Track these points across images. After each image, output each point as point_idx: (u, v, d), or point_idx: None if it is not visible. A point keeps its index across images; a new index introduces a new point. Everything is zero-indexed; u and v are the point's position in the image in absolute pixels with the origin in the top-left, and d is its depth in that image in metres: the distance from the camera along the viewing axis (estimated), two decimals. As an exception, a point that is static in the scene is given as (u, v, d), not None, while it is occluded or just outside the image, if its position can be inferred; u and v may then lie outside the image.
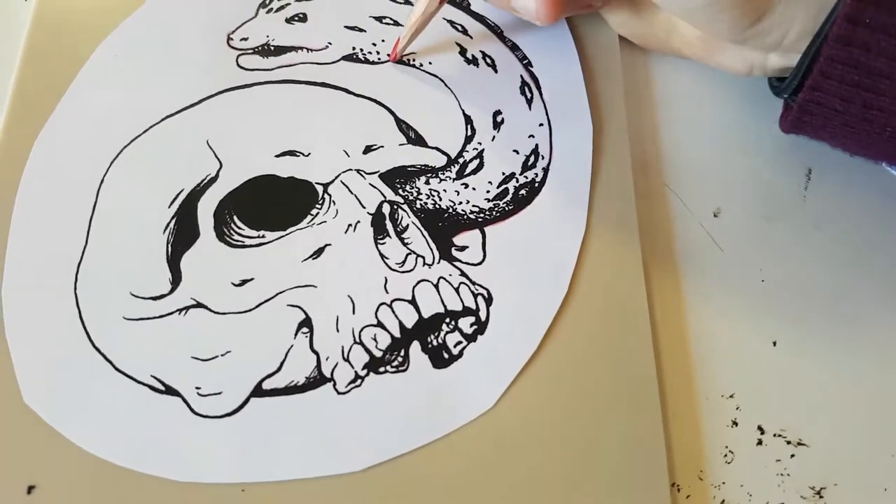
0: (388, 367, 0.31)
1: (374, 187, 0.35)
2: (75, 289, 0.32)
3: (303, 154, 0.35)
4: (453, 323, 0.32)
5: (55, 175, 0.34)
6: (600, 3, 0.36)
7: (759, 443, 0.31)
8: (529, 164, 0.36)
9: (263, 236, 0.33)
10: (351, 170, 0.35)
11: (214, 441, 0.30)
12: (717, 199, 0.36)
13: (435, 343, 0.32)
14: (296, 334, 0.32)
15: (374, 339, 0.32)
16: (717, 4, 0.29)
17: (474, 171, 0.36)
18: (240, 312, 0.32)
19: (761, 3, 0.30)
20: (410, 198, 0.35)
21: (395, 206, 0.34)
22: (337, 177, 0.35)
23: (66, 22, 0.38)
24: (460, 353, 0.32)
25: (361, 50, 0.38)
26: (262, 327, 0.32)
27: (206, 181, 0.34)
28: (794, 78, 0.32)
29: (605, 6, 0.36)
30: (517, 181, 0.35)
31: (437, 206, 0.35)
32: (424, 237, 0.34)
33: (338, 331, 0.32)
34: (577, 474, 0.30)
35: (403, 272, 0.33)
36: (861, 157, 0.34)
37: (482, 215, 0.35)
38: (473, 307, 0.33)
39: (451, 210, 0.35)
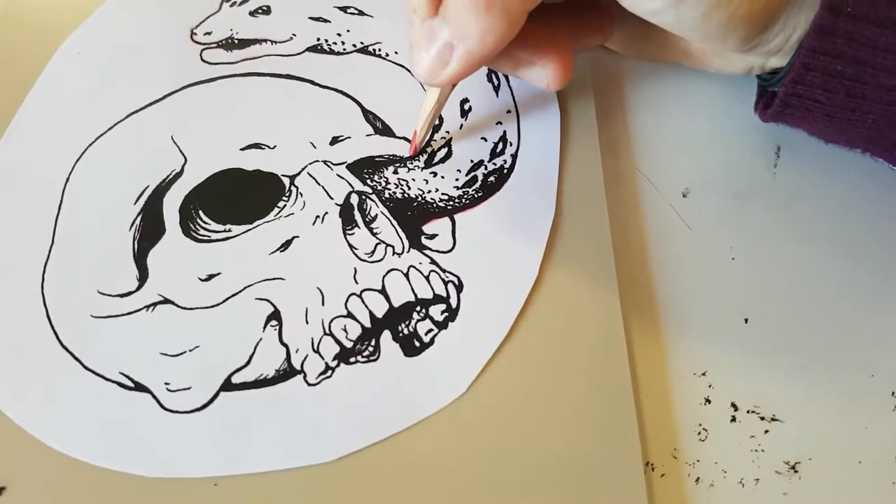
0: (359, 358, 0.31)
1: (342, 178, 0.35)
2: (42, 288, 0.32)
3: (268, 147, 0.35)
4: (424, 311, 0.32)
5: (20, 174, 0.34)
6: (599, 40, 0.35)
7: (733, 420, 0.31)
8: (498, 150, 0.36)
9: (230, 230, 0.33)
10: (318, 161, 0.35)
11: (185, 436, 0.30)
12: (686, 180, 0.36)
13: (406, 332, 0.32)
14: (265, 327, 0.32)
15: (345, 330, 0.32)
16: (731, 24, 0.29)
17: (443, 160, 0.35)
18: (207, 307, 0.32)
19: (768, 14, 0.29)
20: (379, 188, 0.35)
21: (364, 197, 0.34)
22: (303, 168, 0.35)
23: (30, 20, 0.38)
24: (431, 341, 0.32)
25: (326, 41, 0.38)
26: (230, 321, 0.32)
27: (171, 176, 0.34)
28: (786, 72, 0.31)
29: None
30: (486, 168, 0.35)
31: (405, 195, 0.34)
32: (393, 226, 0.34)
33: (307, 323, 0.32)
34: (551, 457, 0.30)
35: (373, 262, 0.33)
36: (837, 144, 0.34)
37: (451, 203, 0.34)
38: (444, 295, 0.33)
39: (419, 199, 0.34)
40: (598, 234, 0.34)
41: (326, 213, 0.34)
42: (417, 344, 0.32)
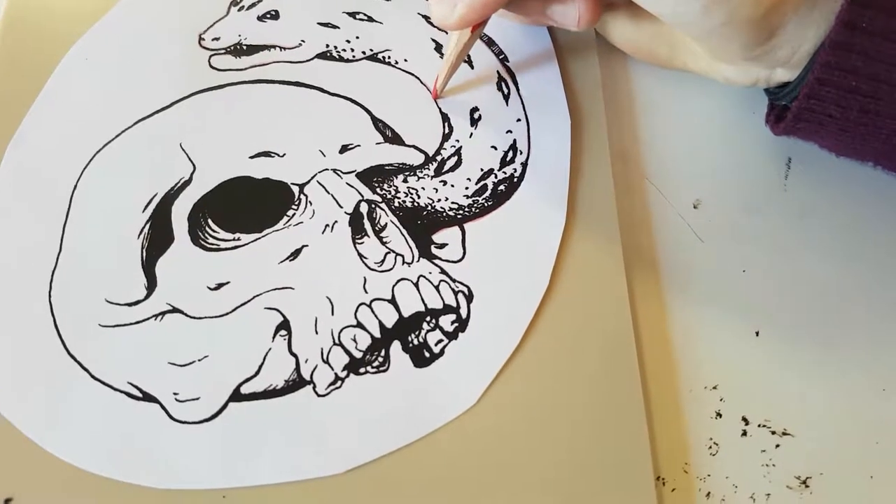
0: (369, 368, 0.31)
1: (352, 187, 0.34)
2: (50, 296, 0.32)
3: (278, 155, 0.35)
4: (434, 321, 0.32)
5: (28, 181, 0.34)
6: None
7: (744, 434, 0.31)
8: (508, 159, 0.35)
9: (239, 239, 0.33)
10: (327, 170, 0.35)
11: (194, 447, 0.30)
12: (697, 191, 0.36)
13: (416, 342, 0.32)
14: (274, 337, 0.31)
15: (354, 340, 0.31)
16: (733, 24, 0.28)
17: (452, 168, 0.35)
18: (216, 316, 0.32)
19: (774, 21, 0.29)
20: (388, 196, 0.34)
21: (373, 205, 0.34)
22: (313, 177, 0.34)
23: (37, 26, 0.37)
24: (441, 352, 0.32)
25: (335, 47, 0.37)
26: (239, 331, 0.31)
27: (179, 184, 0.34)
28: (796, 87, 0.31)
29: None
30: (496, 177, 0.35)
31: (415, 203, 0.34)
32: (403, 235, 0.34)
33: (317, 332, 0.31)
34: (562, 469, 0.30)
35: (382, 271, 0.33)
36: (849, 158, 0.34)
37: (461, 212, 0.34)
38: (454, 305, 0.32)
39: (429, 208, 0.34)
40: (609, 245, 0.34)
41: (336, 221, 0.34)
42: (427, 354, 0.31)
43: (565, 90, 0.37)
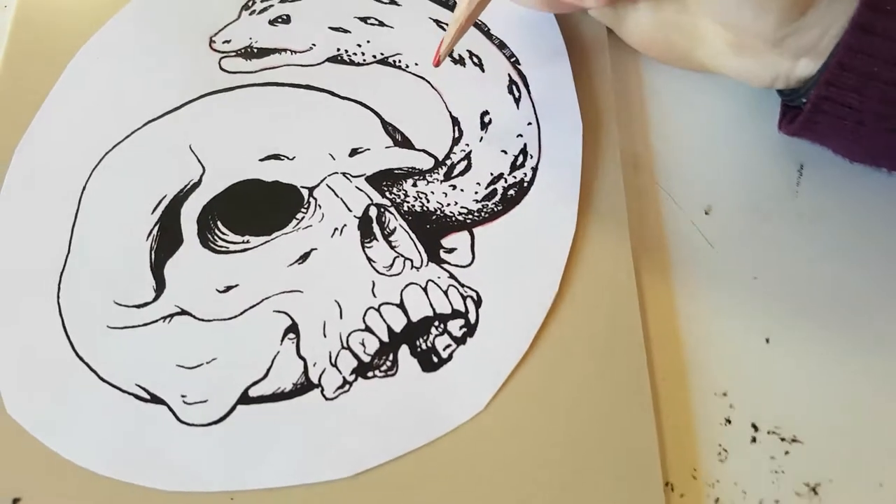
0: (377, 372, 0.31)
1: (361, 190, 0.34)
2: (58, 298, 0.32)
3: (287, 158, 0.35)
4: (442, 326, 0.32)
5: (36, 183, 0.34)
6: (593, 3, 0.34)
7: (753, 440, 0.31)
8: (518, 163, 0.35)
9: (248, 241, 0.33)
10: (337, 173, 0.35)
11: (202, 449, 0.30)
12: (708, 197, 0.35)
13: (424, 347, 0.32)
14: (282, 340, 0.31)
15: (362, 344, 0.31)
16: None
17: (462, 173, 0.35)
18: (225, 319, 0.32)
19: None
20: (398, 200, 0.34)
21: (382, 209, 0.34)
22: (322, 180, 0.34)
23: (46, 27, 0.38)
24: (450, 357, 0.31)
25: (346, 51, 0.37)
26: (247, 334, 0.31)
27: (189, 186, 0.34)
28: (814, 84, 0.30)
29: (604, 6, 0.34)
30: (506, 181, 0.35)
31: (424, 208, 0.34)
32: (412, 240, 0.34)
33: (325, 336, 0.31)
34: (571, 474, 0.30)
35: (391, 276, 0.33)
36: (864, 163, 0.33)
37: (470, 216, 0.34)
38: (462, 310, 0.32)
39: (438, 212, 0.34)
40: (619, 250, 0.34)
41: (345, 225, 0.34)
42: (435, 359, 0.31)
43: (576, 94, 0.37)
